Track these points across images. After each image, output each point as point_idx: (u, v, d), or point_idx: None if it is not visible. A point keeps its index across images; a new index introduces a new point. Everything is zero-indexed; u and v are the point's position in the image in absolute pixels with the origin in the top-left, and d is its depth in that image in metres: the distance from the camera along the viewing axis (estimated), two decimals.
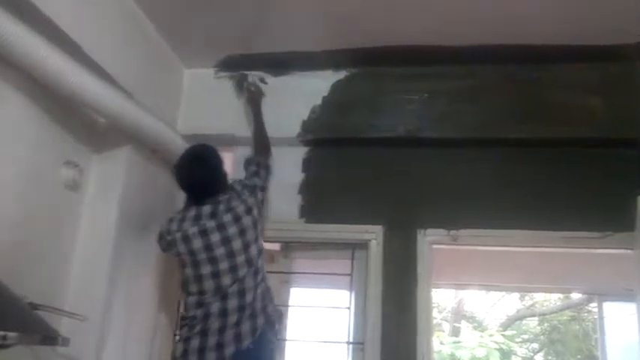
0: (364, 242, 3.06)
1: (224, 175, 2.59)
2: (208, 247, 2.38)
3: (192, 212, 2.47)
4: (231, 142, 3.16)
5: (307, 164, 3.17)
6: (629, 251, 2.83)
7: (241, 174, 2.79)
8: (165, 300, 3.05)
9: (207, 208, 2.45)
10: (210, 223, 2.41)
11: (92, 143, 2.67)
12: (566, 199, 2.93)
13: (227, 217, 2.43)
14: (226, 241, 2.40)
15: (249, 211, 2.50)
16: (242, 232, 2.44)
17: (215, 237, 2.39)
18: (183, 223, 2.46)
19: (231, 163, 3.13)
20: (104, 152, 2.71)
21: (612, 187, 2.89)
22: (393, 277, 2.95)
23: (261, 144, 2.92)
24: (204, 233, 2.40)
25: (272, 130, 3.07)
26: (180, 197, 3.10)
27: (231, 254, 2.39)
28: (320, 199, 3.13)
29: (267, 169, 2.80)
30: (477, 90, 3.05)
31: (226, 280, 2.37)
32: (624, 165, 2.92)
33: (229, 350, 2.28)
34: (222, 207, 2.45)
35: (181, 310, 2.53)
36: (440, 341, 9.18)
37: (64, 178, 2.47)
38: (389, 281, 2.95)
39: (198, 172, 2.52)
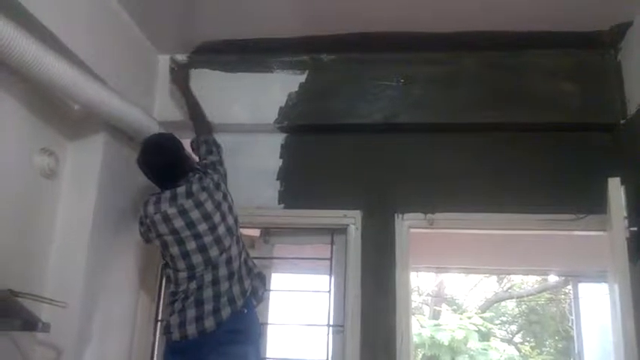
0: (343, 227, 3.08)
1: (187, 157, 2.68)
2: (190, 225, 2.47)
3: (167, 194, 2.53)
4: None
5: (285, 150, 3.18)
6: (601, 233, 2.89)
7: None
8: (145, 285, 3.06)
9: (181, 189, 2.52)
10: (188, 203, 2.49)
11: (67, 131, 2.66)
12: (541, 182, 2.98)
13: (203, 195, 2.52)
14: (206, 216, 2.49)
15: (217, 185, 2.61)
16: (218, 206, 2.54)
17: (195, 214, 2.48)
18: (159, 204, 2.52)
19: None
20: (80, 140, 2.70)
21: (586, 171, 2.94)
22: (371, 260, 2.98)
23: (201, 123, 2.97)
24: (183, 212, 2.48)
25: (250, 116, 3.08)
26: None
27: (213, 227, 2.49)
28: (298, 185, 3.14)
29: (217, 145, 2.85)
30: (452, 76, 3.08)
31: (214, 251, 2.49)
32: (597, 149, 2.98)
33: (225, 313, 2.41)
34: (195, 186, 2.53)
35: (169, 286, 2.60)
36: (420, 324, 9.28)
37: (39, 166, 2.46)
38: (368, 265, 2.98)
39: (161, 160, 2.57)
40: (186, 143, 2.79)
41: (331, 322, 3.03)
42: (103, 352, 2.70)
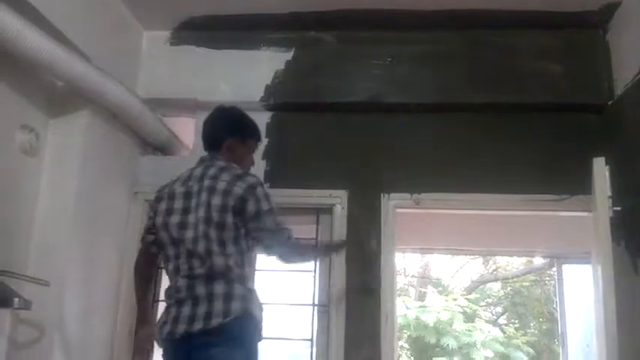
0: (329, 207, 3.07)
1: (235, 146, 2.34)
2: (186, 210, 2.17)
3: (186, 173, 2.30)
4: (194, 106, 3.11)
5: (271, 129, 3.14)
6: (586, 214, 2.90)
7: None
8: (128, 266, 3.02)
9: (198, 170, 2.26)
10: (195, 186, 2.20)
11: (49, 107, 2.62)
12: (527, 162, 2.98)
13: (211, 183, 2.19)
14: (202, 206, 2.15)
15: (242, 200, 2.15)
16: (224, 208, 2.14)
17: (194, 201, 2.17)
18: (175, 182, 2.29)
19: (194, 130, 3.10)
20: (62, 117, 2.65)
21: (571, 151, 2.94)
22: (357, 240, 2.97)
23: (320, 253, 2.84)
24: (187, 195, 2.20)
25: (235, 94, 3.05)
26: (144, 163, 3.09)
27: (207, 219, 2.13)
28: (284, 164, 3.12)
29: (299, 256, 2.45)
30: (440, 55, 3.07)
31: (200, 247, 2.12)
32: (582, 129, 2.98)
33: (197, 326, 2.05)
34: (212, 171, 2.23)
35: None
36: (406, 306, 9.32)
37: (19, 143, 2.43)
38: (353, 245, 2.96)
39: (206, 127, 2.39)
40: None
41: (316, 302, 3.03)
42: (87, 331, 2.69)
